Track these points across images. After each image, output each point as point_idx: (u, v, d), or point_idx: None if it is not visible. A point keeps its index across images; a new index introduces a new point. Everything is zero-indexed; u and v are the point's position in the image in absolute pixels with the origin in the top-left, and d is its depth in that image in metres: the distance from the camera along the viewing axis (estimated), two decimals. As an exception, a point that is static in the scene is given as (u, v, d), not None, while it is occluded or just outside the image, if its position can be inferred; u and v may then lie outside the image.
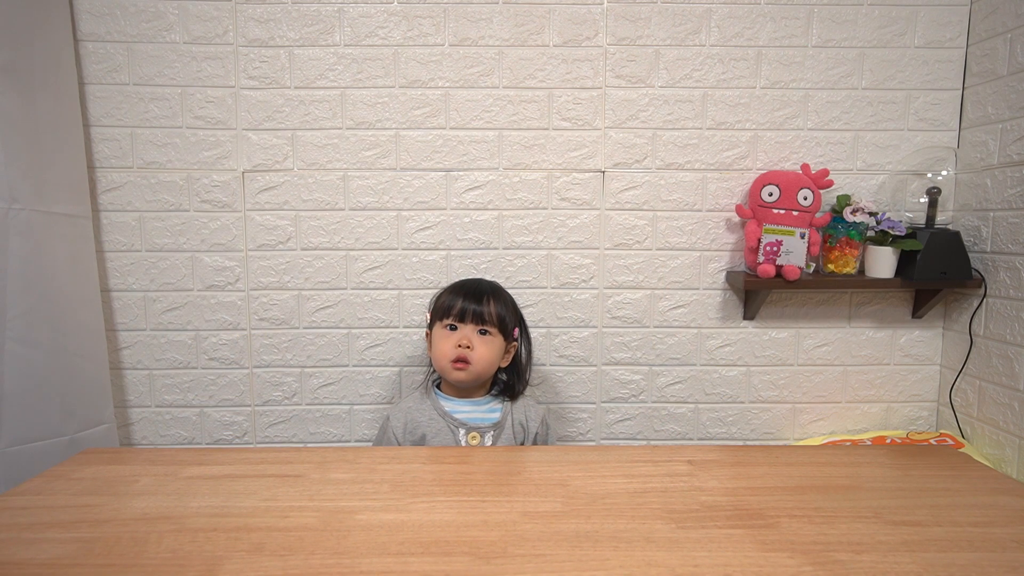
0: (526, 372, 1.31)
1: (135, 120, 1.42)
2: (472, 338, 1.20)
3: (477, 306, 1.22)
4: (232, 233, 1.45)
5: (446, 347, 1.20)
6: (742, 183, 1.46)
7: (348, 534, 0.78)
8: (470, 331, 1.21)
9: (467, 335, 1.20)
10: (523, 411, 1.26)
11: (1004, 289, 1.31)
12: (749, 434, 1.54)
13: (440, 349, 1.21)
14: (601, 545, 0.75)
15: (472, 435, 1.19)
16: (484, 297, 1.23)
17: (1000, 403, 1.32)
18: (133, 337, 1.47)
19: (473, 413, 1.23)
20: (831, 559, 0.72)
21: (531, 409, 1.26)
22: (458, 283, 1.28)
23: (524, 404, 1.27)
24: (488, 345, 1.21)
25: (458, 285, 1.27)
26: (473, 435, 1.19)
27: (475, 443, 1.19)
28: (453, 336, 1.21)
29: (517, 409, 1.26)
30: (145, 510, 0.85)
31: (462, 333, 1.21)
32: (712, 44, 1.43)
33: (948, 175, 1.42)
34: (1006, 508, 0.86)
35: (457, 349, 1.19)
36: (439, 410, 1.22)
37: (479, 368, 1.20)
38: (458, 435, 1.20)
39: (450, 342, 1.20)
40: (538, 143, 1.45)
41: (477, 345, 1.20)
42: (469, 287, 1.26)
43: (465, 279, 1.32)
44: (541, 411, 1.28)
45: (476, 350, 1.20)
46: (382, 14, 1.41)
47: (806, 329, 1.51)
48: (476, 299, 1.22)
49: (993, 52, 1.34)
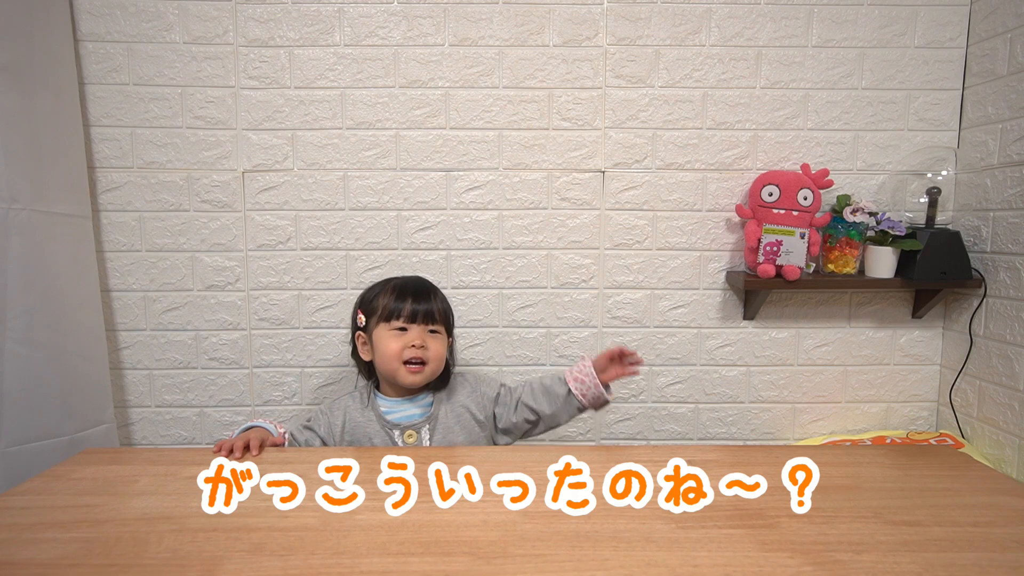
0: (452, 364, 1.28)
1: (135, 120, 1.42)
2: (424, 338, 1.17)
3: (427, 306, 1.18)
4: (232, 233, 1.45)
5: (396, 348, 1.16)
6: (742, 183, 1.46)
7: (348, 534, 0.78)
8: (421, 331, 1.17)
9: (419, 335, 1.17)
10: (461, 390, 1.23)
11: (1004, 289, 1.31)
12: (749, 434, 1.54)
13: (390, 350, 1.16)
14: (601, 545, 0.75)
15: (408, 434, 1.17)
16: (430, 296, 1.20)
17: (1000, 403, 1.32)
18: (133, 337, 1.47)
19: (407, 410, 1.20)
20: (831, 559, 0.72)
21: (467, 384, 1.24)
22: (396, 283, 1.23)
23: (459, 383, 1.24)
24: (439, 342, 1.19)
25: (399, 285, 1.22)
26: (409, 433, 1.17)
27: (411, 441, 1.16)
28: (403, 337, 1.16)
29: (456, 393, 1.23)
30: (145, 510, 0.85)
31: (413, 334, 1.16)
32: (712, 44, 1.43)
33: (948, 175, 1.42)
34: (1006, 508, 0.86)
35: (411, 349, 1.15)
36: (379, 416, 1.19)
37: (435, 366, 1.17)
38: (393, 436, 1.17)
39: (400, 343, 1.16)
40: (538, 143, 1.45)
41: (430, 344, 1.17)
42: (413, 287, 1.21)
43: (398, 277, 1.26)
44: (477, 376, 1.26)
45: (430, 348, 1.17)
46: (382, 14, 1.41)
47: (806, 329, 1.51)
48: (424, 299, 1.19)
49: (993, 52, 1.34)
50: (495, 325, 1.50)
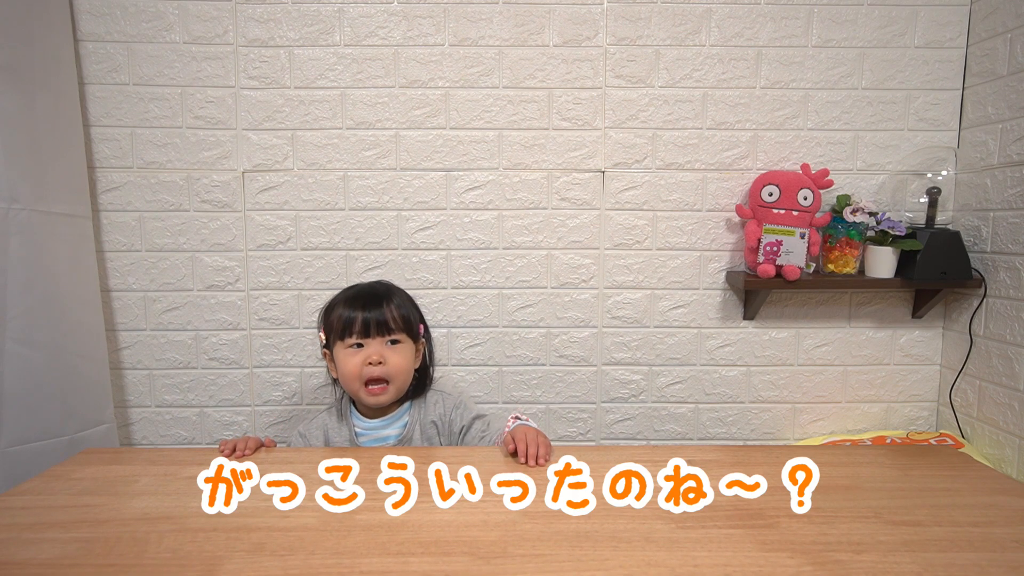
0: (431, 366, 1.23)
1: (135, 120, 1.42)
2: (383, 352, 1.09)
3: (379, 314, 1.10)
4: (232, 233, 1.45)
5: (354, 367, 1.08)
6: (742, 183, 1.46)
7: (348, 534, 0.78)
8: (379, 345, 1.10)
9: (376, 350, 1.09)
10: (435, 407, 1.17)
11: (1004, 289, 1.31)
12: (749, 434, 1.54)
13: (347, 370, 1.09)
14: (601, 545, 0.75)
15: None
16: (383, 302, 1.12)
17: (1000, 403, 1.32)
18: (133, 337, 1.47)
19: (380, 432, 1.15)
20: (831, 559, 0.72)
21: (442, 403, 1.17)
22: (349, 293, 1.15)
23: (433, 400, 1.18)
24: (401, 354, 1.11)
25: (350, 296, 1.14)
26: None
27: None
28: (360, 354, 1.09)
29: (428, 409, 1.17)
30: (145, 510, 0.85)
31: (370, 350, 1.09)
32: (712, 44, 1.43)
33: (948, 175, 1.42)
34: (1006, 508, 0.86)
35: (369, 368, 1.08)
36: (352, 437, 1.15)
37: (399, 383, 1.11)
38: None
39: (357, 361, 1.08)
40: (538, 143, 1.45)
41: (390, 357, 1.09)
42: (365, 294, 1.14)
43: (353, 286, 1.19)
44: (451, 401, 1.18)
45: (390, 363, 1.09)
46: (382, 14, 1.41)
47: (806, 329, 1.51)
48: (375, 306, 1.11)
49: (993, 52, 1.34)
50: (495, 325, 1.50)
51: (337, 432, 1.17)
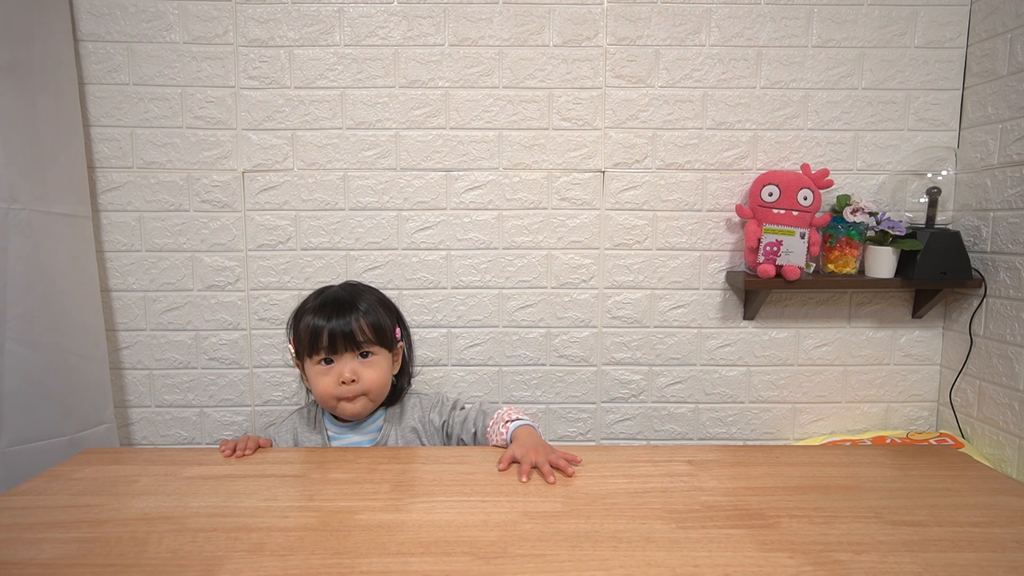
0: (410, 366, 1.20)
1: (135, 120, 1.42)
2: (355, 369, 1.03)
3: (346, 326, 1.03)
4: (232, 233, 1.45)
5: (327, 387, 1.03)
6: (742, 183, 1.46)
7: (348, 534, 0.78)
8: (349, 360, 1.04)
9: (349, 367, 1.03)
10: (412, 411, 1.15)
11: (1004, 289, 1.31)
12: (749, 434, 1.54)
13: (320, 389, 1.04)
14: (601, 545, 0.75)
15: None
16: (349, 311, 1.05)
17: (1000, 403, 1.32)
18: (133, 337, 1.47)
19: (353, 439, 1.13)
20: (831, 559, 0.72)
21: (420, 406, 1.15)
22: (316, 302, 1.09)
23: (411, 404, 1.16)
24: (375, 367, 1.06)
25: (317, 305, 1.08)
26: None
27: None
28: (332, 372, 1.04)
29: (407, 414, 1.14)
30: (145, 510, 0.85)
31: (341, 366, 1.03)
32: (712, 44, 1.43)
33: (948, 175, 1.42)
34: (1006, 508, 0.86)
35: (342, 387, 1.03)
36: (325, 441, 1.13)
37: (375, 396, 1.07)
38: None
39: (329, 381, 1.03)
40: (538, 143, 1.45)
41: (363, 373, 1.04)
42: (330, 303, 1.06)
43: (321, 290, 1.14)
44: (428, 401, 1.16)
45: (364, 379, 1.04)
46: (382, 14, 1.41)
47: (806, 329, 1.51)
48: (341, 315, 1.04)
49: (993, 52, 1.34)
50: (495, 325, 1.50)
51: (308, 437, 1.15)
